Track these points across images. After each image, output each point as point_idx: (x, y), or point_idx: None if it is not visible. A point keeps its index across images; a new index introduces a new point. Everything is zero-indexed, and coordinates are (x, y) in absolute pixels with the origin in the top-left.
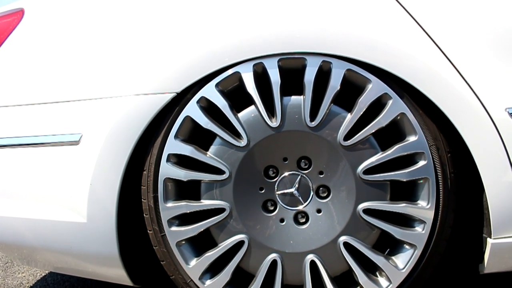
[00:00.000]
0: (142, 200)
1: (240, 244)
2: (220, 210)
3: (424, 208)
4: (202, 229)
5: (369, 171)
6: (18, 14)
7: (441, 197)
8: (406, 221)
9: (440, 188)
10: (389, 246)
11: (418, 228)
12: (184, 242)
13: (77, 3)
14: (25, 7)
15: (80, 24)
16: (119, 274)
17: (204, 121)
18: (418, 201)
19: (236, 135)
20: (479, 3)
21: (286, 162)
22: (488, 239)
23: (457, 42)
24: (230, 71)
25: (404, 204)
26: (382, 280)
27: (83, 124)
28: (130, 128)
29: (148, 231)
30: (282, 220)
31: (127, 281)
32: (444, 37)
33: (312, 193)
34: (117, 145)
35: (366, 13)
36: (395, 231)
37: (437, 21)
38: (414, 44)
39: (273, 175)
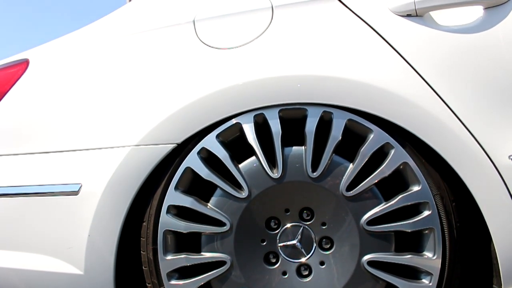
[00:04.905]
0: (141, 252)
1: None
2: (221, 263)
3: (430, 259)
4: (202, 283)
5: (373, 221)
6: (22, 65)
7: (447, 248)
8: (413, 272)
9: (446, 238)
10: None
11: (425, 280)
12: None
13: (80, 56)
14: (30, 58)
15: (82, 75)
16: None
17: (205, 173)
18: (424, 252)
19: (237, 186)
20: (479, 51)
21: (288, 213)
22: None
23: (457, 90)
24: (231, 122)
25: (409, 256)
26: None
27: (82, 174)
28: (130, 179)
29: (147, 284)
30: (284, 273)
31: None
32: (444, 86)
33: (315, 245)
34: (117, 196)
35: (366, 64)
36: (401, 284)
37: (437, 70)
38: (414, 94)
39: (275, 226)
